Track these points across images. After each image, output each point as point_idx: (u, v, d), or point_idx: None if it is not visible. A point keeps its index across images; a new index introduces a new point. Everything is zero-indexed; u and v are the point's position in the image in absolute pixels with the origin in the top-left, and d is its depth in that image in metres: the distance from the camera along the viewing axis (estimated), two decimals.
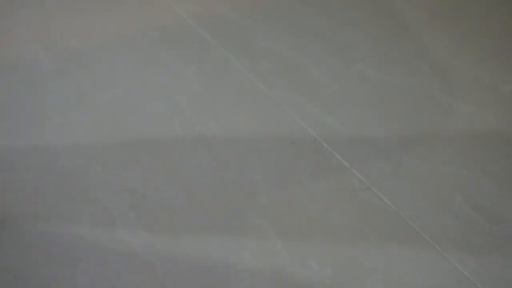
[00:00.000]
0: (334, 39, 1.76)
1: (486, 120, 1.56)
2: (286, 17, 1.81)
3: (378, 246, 1.29)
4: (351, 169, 1.43)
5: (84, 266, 1.22)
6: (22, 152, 1.42)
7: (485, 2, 1.91)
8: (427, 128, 1.54)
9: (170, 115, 1.51)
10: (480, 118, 1.56)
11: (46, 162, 1.40)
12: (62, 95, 1.55)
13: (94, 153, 1.42)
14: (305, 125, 1.52)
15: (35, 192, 1.34)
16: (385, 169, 1.44)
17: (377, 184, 1.40)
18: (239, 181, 1.39)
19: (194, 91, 1.58)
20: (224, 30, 1.75)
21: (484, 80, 1.66)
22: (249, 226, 1.31)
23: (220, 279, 1.21)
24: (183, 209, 1.32)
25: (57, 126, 1.48)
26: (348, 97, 1.60)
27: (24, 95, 1.54)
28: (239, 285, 1.21)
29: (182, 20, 1.77)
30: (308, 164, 1.44)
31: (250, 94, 1.59)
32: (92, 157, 1.41)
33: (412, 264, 1.27)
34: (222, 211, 1.33)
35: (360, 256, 1.27)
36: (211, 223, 1.30)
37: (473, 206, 1.37)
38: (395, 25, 1.81)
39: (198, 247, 1.26)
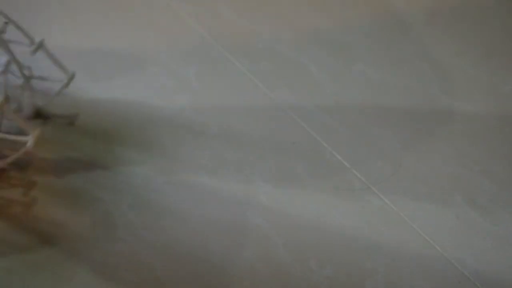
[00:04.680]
0: (334, 39, 1.76)
1: (486, 120, 1.56)
2: (285, 17, 1.81)
3: (378, 246, 1.29)
4: (351, 169, 1.43)
5: (84, 267, 1.21)
6: None
7: (485, 2, 1.91)
8: (427, 128, 1.54)
9: (170, 115, 1.51)
10: (480, 118, 1.56)
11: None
12: None
13: (94, 153, 1.42)
14: (305, 125, 1.52)
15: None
16: (385, 169, 1.44)
17: (377, 184, 1.40)
18: (239, 181, 1.39)
19: (194, 91, 1.58)
20: (224, 30, 1.75)
21: (484, 80, 1.66)
22: (249, 226, 1.30)
23: (220, 279, 1.21)
24: (183, 209, 1.32)
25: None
26: (348, 97, 1.60)
27: None
28: (239, 285, 1.21)
29: (182, 20, 1.77)
30: (308, 164, 1.43)
31: (250, 94, 1.59)
32: (92, 157, 1.41)
33: (412, 264, 1.27)
34: (221, 211, 1.33)
35: (360, 256, 1.27)
36: (210, 223, 1.30)
37: (473, 206, 1.37)
38: (395, 25, 1.81)
39: (198, 247, 1.26)
